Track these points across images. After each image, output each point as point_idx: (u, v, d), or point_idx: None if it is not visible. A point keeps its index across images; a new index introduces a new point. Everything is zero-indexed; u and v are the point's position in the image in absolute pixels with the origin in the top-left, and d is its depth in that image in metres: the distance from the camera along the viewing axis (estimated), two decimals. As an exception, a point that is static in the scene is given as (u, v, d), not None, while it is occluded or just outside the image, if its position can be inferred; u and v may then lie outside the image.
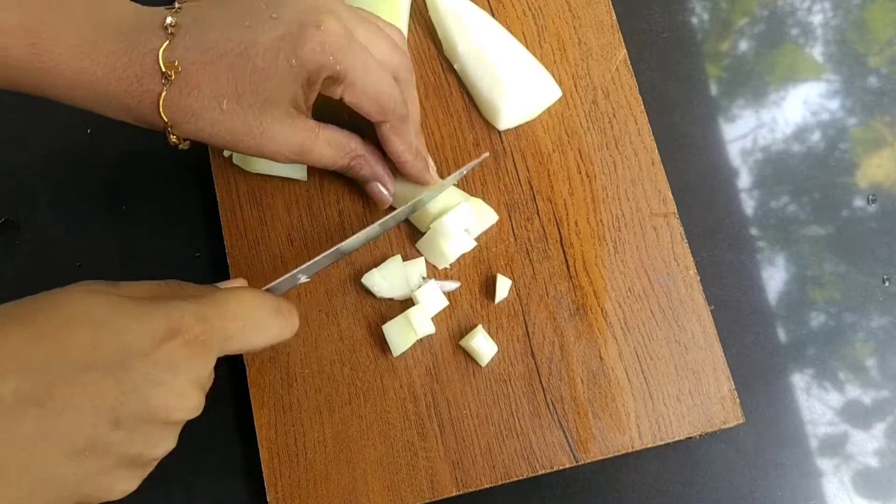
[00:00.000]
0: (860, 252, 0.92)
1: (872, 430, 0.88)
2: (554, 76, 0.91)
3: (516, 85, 0.88)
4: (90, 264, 0.93)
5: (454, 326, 0.86)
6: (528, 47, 0.91)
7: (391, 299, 0.86)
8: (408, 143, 0.83)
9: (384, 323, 0.84)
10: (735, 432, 0.87)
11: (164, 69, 0.72)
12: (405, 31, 0.92)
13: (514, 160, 0.89)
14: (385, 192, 0.86)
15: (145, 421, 0.61)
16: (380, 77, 0.77)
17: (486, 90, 0.88)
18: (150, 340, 0.61)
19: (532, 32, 0.93)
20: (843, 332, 0.90)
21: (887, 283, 0.91)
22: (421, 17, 0.94)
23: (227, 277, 0.88)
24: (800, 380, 0.89)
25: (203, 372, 0.65)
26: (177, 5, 0.75)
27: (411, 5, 0.94)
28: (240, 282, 0.78)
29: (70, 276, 0.91)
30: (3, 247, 0.93)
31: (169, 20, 0.73)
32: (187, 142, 0.78)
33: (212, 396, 0.87)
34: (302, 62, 0.73)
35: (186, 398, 0.63)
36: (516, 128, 0.90)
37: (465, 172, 0.87)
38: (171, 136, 0.77)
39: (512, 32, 0.92)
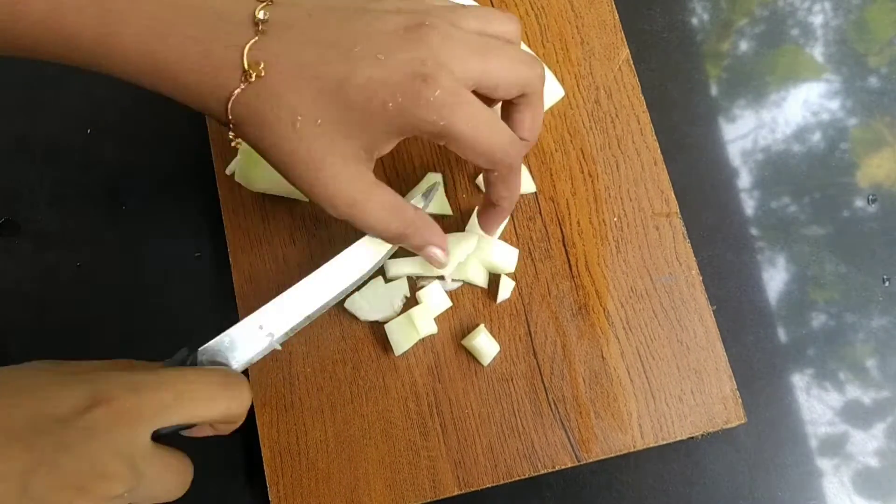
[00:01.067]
0: (860, 252, 0.92)
1: (872, 430, 0.88)
2: (556, 76, 0.91)
3: None
4: (90, 264, 0.93)
5: (456, 326, 0.86)
6: (530, 47, 0.91)
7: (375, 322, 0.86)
8: (510, 191, 0.78)
9: (386, 322, 0.84)
10: (735, 432, 0.87)
11: (246, 66, 0.67)
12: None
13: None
14: (442, 255, 0.79)
15: (55, 492, 0.56)
16: (489, 129, 0.70)
17: None
18: (72, 408, 0.58)
19: (535, 32, 0.93)
20: (844, 333, 0.90)
21: (887, 284, 0.91)
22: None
23: (228, 277, 0.88)
24: (800, 380, 0.89)
25: (130, 444, 0.60)
26: (265, 13, 0.69)
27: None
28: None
29: (70, 276, 0.92)
30: (3, 247, 0.93)
31: (261, 14, 0.68)
32: (240, 141, 0.72)
33: (214, 396, 0.88)
34: (401, 115, 0.67)
35: (106, 468, 0.58)
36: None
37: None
38: (230, 135, 0.71)
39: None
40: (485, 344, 0.84)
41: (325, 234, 0.88)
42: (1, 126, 0.97)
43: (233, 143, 0.72)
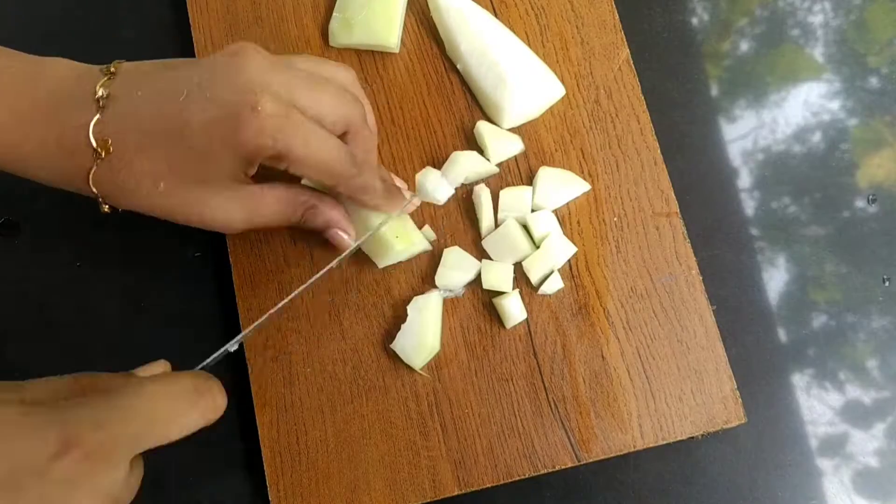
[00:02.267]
0: (860, 252, 0.92)
1: (872, 430, 0.88)
2: (556, 76, 0.91)
3: (520, 83, 0.88)
4: (90, 264, 0.92)
5: (457, 326, 0.86)
6: (530, 47, 0.91)
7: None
8: (370, 191, 0.82)
9: (386, 322, 0.85)
10: (735, 432, 0.87)
11: (95, 146, 0.72)
12: (399, 30, 0.93)
13: (516, 160, 0.90)
14: (345, 236, 0.84)
15: None
16: (323, 147, 0.74)
17: (490, 89, 0.88)
18: (44, 457, 0.56)
19: (535, 32, 0.93)
20: (844, 333, 0.90)
21: (888, 284, 0.91)
22: (423, 17, 0.94)
23: (228, 278, 0.88)
24: (800, 380, 0.89)
25: (109, 483, 0.59)
26: (111, 69, 0.75)
27: (412, 6, 0.94)
28: (160, 365, 0.72)
29: (70, 276, 0.91)
30: (3, 247, 0.93)
31: (100, 92, 0.72)
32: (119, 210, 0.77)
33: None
34: (240, 146, 0.71)
35: None
36: (518, 127, 0.90)
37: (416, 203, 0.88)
38: (104, 207, 0.76)
39: (514, 32, 0.92)
40: (514, 307, 0.84)
41: (326, 233, 0.88)
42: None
43: (105, 210, 0.77)
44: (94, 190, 0.74)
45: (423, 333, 0.83)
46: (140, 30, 0.99)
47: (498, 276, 0.85)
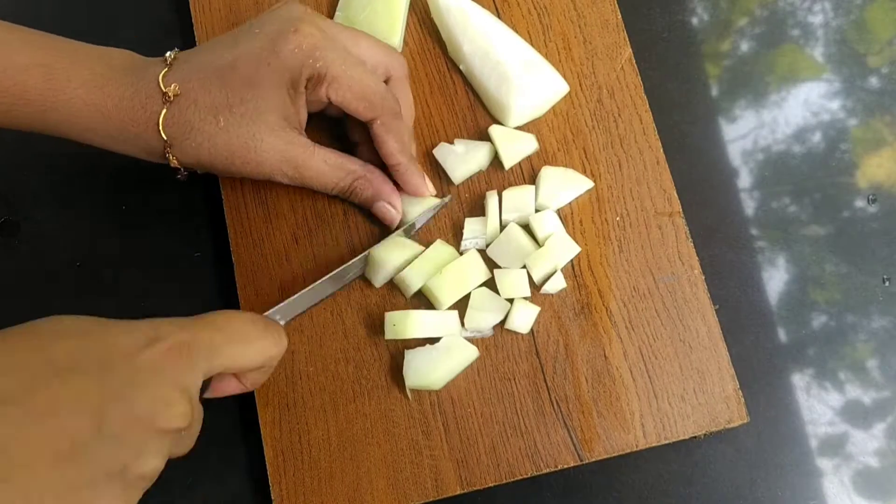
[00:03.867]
0: (860, 252, 0.92)
1: (872, 430, 0.88)
2: (559, 75, 0.90)
3: (524, 81, 0.88)
4: (90, 264, 0.92)
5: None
6: (533, 46, 0.91)
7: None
8: (402, 142, 0.84)
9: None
10: (735, 432, 0.87)
11: (163, 89, 0.78)
12: (402, 30, 0.93)
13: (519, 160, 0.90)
14: (393, 210, 0.87)
15: (130, 426, 0.59)
16: (362, 72, 0.81)
17: (494, 89, 0.88)
18: (134, 346, 0.61)
19: (537, 31, 0.93)
20: (844, 333, 0.90)
21: (887, 283, 0.91)
22: (425, 17, 0.94)
23: (228, 278, 0.88)
24: (800, 380, 0.89)
25: (188, 379, 0.64)
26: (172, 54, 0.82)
27: (413, 6, 0.94)
28: None
29: (70, 276, 0.91)
30: (3, 247, 0.93)
31: (169, 54, 0.81)
32: (186, 173, 0.84)
33: (216, 395, 0.87)
34: (281, 63, 0.78)
35: (171, 403, 0.61)
36: (521, 127, 0.90)
37: (435, 212, 0.89)
38: (172, 158, 0.81)
39: (517, 31, 0.92)
40: (523, 319, 0.85)
41: (328, 232, 0.88)
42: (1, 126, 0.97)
43: (178, 176, 0.85)
44: (164, 135, 0.79)
45: (433, 371, 0.83)
46: (140, 30, 1.00)
47: (513, 284, 0.85)
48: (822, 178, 0.94)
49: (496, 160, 0.89)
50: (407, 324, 0.83)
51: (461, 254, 0.87)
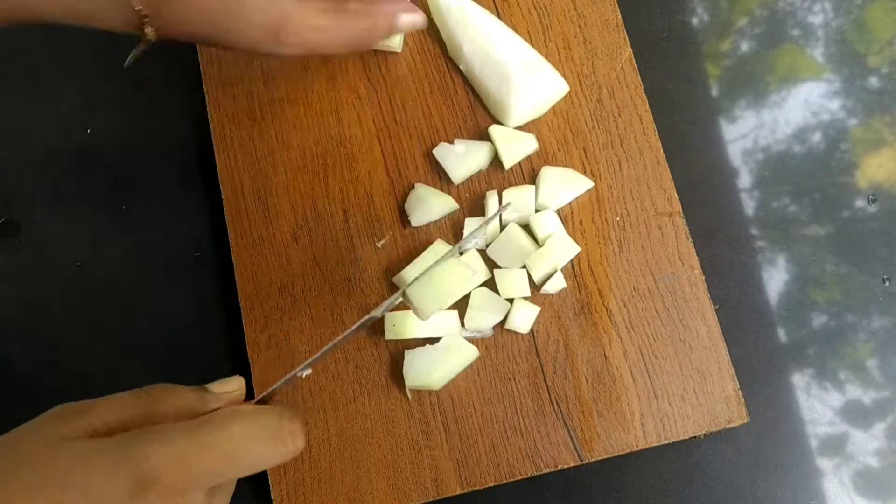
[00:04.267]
0: (860, 252, 0.92)
1: (872, 430, 0.88)
2: (559, 75, 0.91)
3: (525, 81, 0.88)
4: (90, 264, 0.92)
5: (458, 325, 0.86)
6: (533, 45, 0.91)
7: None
8: None
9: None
10: (735, 432, 0.87)
11: None
12: (399, 43, 0.93)
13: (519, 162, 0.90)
14: (417, 17, 0.84)
15: None
16: (342, 25, 0.77)
17: (495, 89, 0.88)
18: (121, 495, 0.53)
19: (537, 31, 0.93)
20: (844, 333, 0.90)
21: (887, 283, 0.91)
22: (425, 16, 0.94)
23: (228, 277, 0.88)
24: (800, 380, 0.89)
25: None
26: None
27: (414, 5, 0.94)
28: (236, 382, 0.66)
29: (70, 276, 0.91)
30: (3, 247, 0.93)
31: None
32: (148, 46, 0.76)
33: (216, 395, 0.87)
34: None
35: None
36: (521, 127, 0.90)
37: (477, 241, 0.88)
38: (150, 31, 0.74)
39: (517, 31, 0.92)
40: (523, 320, 0.85)
41: (328, 232, 0.88)
42: (1, 126, 0.96)
43: (146, 38, 0.75)
44: (140, 6, 0.72)
45: (433, 371, 0.83)
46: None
47: (514, 284, 0.85)
48: (822, 178, 0.94)
49: (496, 160, 0.89)
50: (407, 324, 0.83)
51: (461, 254, 0.86)
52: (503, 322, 0.85)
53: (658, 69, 0.97)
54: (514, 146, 0.88)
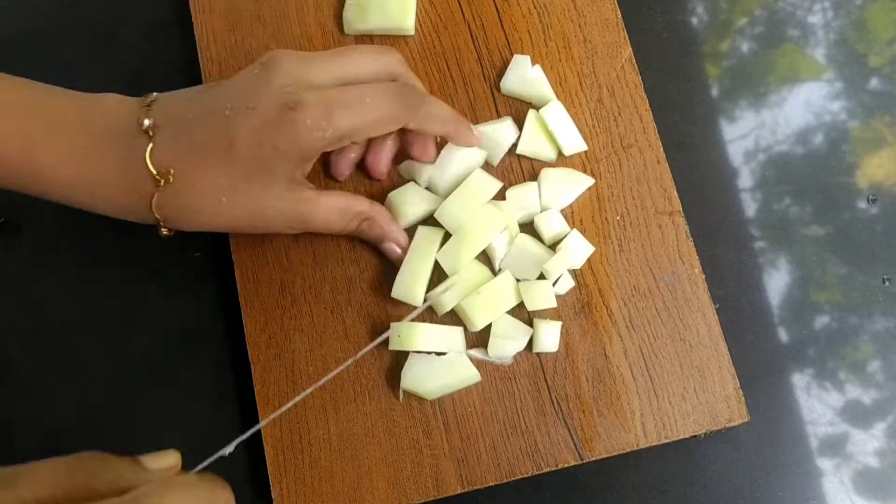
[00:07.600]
0: (861, 253, 0.92)
1: (873, 430, 0.88)
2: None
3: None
4: (90, 264, 0.92)
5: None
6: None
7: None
8: (441, 116, 0.83)
9: (389, 320, 0.85)
10: (735, 432, 0.87)
11: (155, 174, 0.75)
12: (412, 24, 0.93)
13: (518, 160, 0.90)
14: (398, 250, 0.86)
15: None
16: (371, 105, 0.77)
17: None
18: None
19: (537, 30, 0.93)
20: (844, 333, 0.90)
21: (888, 284, 0.91)
22: (426, 16, 0.94)
23: (229, 278, 0.88)
24: (800, 380, 0.89)
25: None
26: (147, 101, 0.77)
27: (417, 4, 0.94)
28: (171, 457, 0.63)
29: (70, 276, 0.91)
30: (3, 247, 0.93)
31: (146, 122, 0.76)
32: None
33: (217, 394, 0.88)
34: (290, 146, 0.75)
35: None
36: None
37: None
38: (163, 230, 0.80)
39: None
40: (548, 339, 0.85)
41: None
42: (1, 126, 0.97)
43: (165, 233, 0.81)
44: (157, 215, 0.77)
45: (430, 381, 0.83)
46: (140, 30, 0.99)
47: (542, 296, 0.84)
48: (822, 178, 0.94)
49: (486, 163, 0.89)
50: (413, 336, 0.82)
51: (495, 274, 0.86)
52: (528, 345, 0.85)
53: (658, 69, 0.96)
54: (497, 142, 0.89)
